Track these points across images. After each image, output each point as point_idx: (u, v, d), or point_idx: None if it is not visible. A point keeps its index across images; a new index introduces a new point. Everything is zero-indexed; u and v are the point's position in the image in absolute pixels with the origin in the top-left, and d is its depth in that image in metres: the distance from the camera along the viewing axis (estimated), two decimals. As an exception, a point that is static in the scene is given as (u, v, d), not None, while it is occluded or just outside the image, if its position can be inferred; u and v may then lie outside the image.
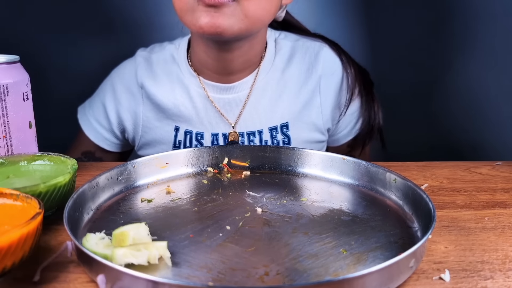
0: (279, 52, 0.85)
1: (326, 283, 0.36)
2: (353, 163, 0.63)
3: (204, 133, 0.83)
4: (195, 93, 0.83)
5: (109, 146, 0.90)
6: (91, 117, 0.89)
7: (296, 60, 0.85)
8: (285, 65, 0.84)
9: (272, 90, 0.83)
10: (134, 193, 0.59)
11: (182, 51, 0.85)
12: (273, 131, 0.83)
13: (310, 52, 0.85)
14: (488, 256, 0.47)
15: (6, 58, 0.59)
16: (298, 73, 0.84)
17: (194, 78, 0.83)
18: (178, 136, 0.84)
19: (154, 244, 0.43)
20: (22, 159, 0.57)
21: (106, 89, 0.88)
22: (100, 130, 0.88)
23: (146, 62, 0.86)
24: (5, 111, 0.58)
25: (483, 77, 1.24)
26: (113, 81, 0.88)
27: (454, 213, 0.57)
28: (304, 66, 0.84)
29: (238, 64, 0.80)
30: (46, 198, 0.49)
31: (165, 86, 0.84)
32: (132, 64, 0.87)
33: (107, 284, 0.38)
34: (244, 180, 0.64)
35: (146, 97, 0.84)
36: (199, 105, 0.83)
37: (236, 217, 0.52)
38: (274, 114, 0.83)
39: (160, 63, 0.85)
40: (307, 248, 0.46)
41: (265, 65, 0.83)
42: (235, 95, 0.82)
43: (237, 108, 0.83)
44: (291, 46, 0.86)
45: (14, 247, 0.38)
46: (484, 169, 0.73)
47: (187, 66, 0.84)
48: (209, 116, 0.83)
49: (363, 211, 0.55)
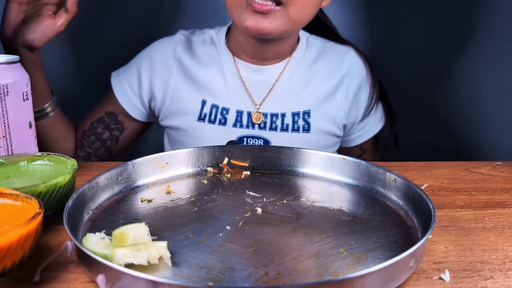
0: (309, 49, 0.91)
1: (326, 283, 0.36)
2: (353, 163, 0.63)
3: (230, 109, 0.88)
4: (228, 71, 0.88)
5: (134, 112, 0.92)
6: (124, 80, 0.91)
7: (324, 58, 0.91)
8: (313, 60, 0.91)
9: (299, 78, 0.89)
10: (134, 193, 0.59)
11: (221, 35, 0.91)
12: (295, 116, 0.88)
13: (338, 52, 0.93)
14: (488, 256, 0.47)
15: (6, 58, 0.59)
16: (325, 68, 0.90)
17: (229, 58, 0.89)
18: (204, 109, 0.88)
19: (154, 244, 0.43)
20: (22, 159, 0.57)
21: (143, 57, 0.92)
22: (130, 94, 0.91)
23: (187, 40, 0.92)
24: (5, 111, 0.58)
25: (483, 77, 1.24)
26: (151, 52, 0.92)
27: (454, 213, 0.57)
28: (331, 63, 0.91)
29: (271, 53, 0.87)
30: (46, 198, 0.49)
31: (201, 61, 0.89)
32: (172, 40, 0.93)
33: (107, 284, 0.38)
34: (244, 180, 0.64)
35: (181, 70, 0.89)
36: (229, 81, 0.88)
37: (236, 217, 0.52)
38: (299, 101, 0.88)
39: (199, 44, 0.92)
40: (307, 248, 0.46)
41: (296, 57, 0.90)
42: (265, 77, 0.88)
43: (264, 89, 0.88)
44: (320, 46, 0.93)
45: (14, 247, 0.38)
46: (484, 169, 0.73)
47: (225, 48, 0.90)
48: (237, 93, 0.88)
49: (363, 211, 0.55)
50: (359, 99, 0.92)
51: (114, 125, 0.93)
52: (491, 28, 1.21)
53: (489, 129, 1.28)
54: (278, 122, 0.87)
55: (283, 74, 0.88)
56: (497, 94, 1.25)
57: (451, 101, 1.27)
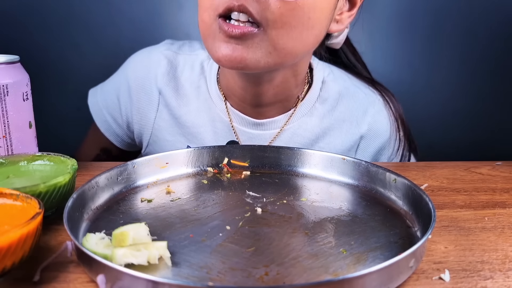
0: (323, 97, 0.74)
1: (326, 283, 0.36)
2: (353, 163, 0.63)
3: None
4: (218, 118, 0.74)
5: (119, 143, 0.83)
6: (105, 111, 0.81)
7: (340, 110, 0.75)
8: (326, 112, 0.74)
9: (304, 136, 0.74)
10: (134, 193, 0.59)
11: (214, 65, 0.75)
12: None
13: (359, 104, 0.75)
14: (488, 256, 0.47)
15: (6, 58, 0.59)
16: (338, 125, 0.75)
17: (220, 102, 0.74)
18: None
19: (154, 244, 0.43)
20: (22, 159, 0.57)
21: (121, 81, 0.79)
22: (113, 125, 0.81)
23: (170, 65, 0.76)
24: (5, 111, 0.58)
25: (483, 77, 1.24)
26: (128, 76, 0.78)
27: (454, 213, 0.57)
28: (347, 118, 0.75)
29: (268, 98, 0.70)
30: (46, 198, 0.49)
31: (188, 101, 0.75)
32: (153, 61, 0.77)
33: (107, 284, 0.38)
34: (244, 180, 0.64)
35: (163, 105, 0.76)
36: (220, 131, 0.75)
37: (236, 217, 0.52)
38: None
39: (186, 69, 0.76)
40: (307, 248, 0.46)
41: (304, 108, 0.73)
42: (262, 132, 0.74)
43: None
44: (339, 92, 0.75)
45: (14, 247, 0.38)
46: (484, 169, 0.73)
47: (216, 85, 0.74)
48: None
49: (363, 211, 0.55)
50: (380, 157, 0.78)
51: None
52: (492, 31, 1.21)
53: (489, 129, 1.28)
54: None
55: (285, 128, 0.73)
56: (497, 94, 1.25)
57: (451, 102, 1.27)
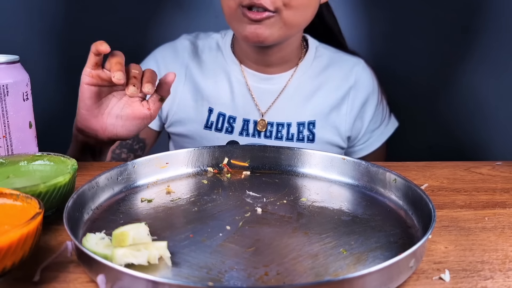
0: (318, 58, 0.92)
1: (326, 283, 0.36)
2: (353, 163, 0.63)
3: (237, 117, 0.88)
4: (235, 79, 0.89)
5: (152, 123, 0.91)
6: None
7: (333, 68, 0.91)
8: (321, 70, 0.91)
9: (306, 88, 0.89)
10: (134, 193, 0.59)
11: (227, 40, 0.92)
12: (300, 126, 0.88)
13: (347, 63, 0.92)
14: (488, 256, 0.47)
15: (6, 58, 0.59)
16: (332, 79, 0.90)
17: (236, 66, 0.90)
18: (211, 117, 0.88)
19: (154, 244, 0.43)
20: (22, 159, 0.57)
21: (149, 64, 0.91)
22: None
23: (193, 46, 0.92)
24: (5, 111, 0.58)
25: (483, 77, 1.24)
26: (157, 58, 0.91)
27: (454, 213, 0.57)
28: (339, 74, 0.91)
29: (275, 59, 0.87)
30: (46, 198, 0.49)
31: (208, 70, 0.90)
32: (178, 46, 0.92)
33: (107, 284, 0.38)
34: (244, 180, 0.64)
35: (189, 78, 0.90)
36: (236, 90, 0.89)
37: (236, 217, 0.52)
38: (304, 111, 0.89)
39: (205, 49, 0.91)
40: (307, 248, 0.46)
41: (304, 66, 0.90)
42: (272, 86, 0.89)
43: (270, 98, 0.89)
44: (330, 55, 0.93)
45: (14, 247, 0.38)
46: (484, 169, 0.73)
47: (231, 54, 0.90)
48: (244, 102, 0.88)
49: (363, 211, 0.55)
50: (365, 112, 0.92)
51: (137, 145, 0.92)
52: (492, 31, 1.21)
53: (489, 129, 1.28)
54: (283, 132, 0.88)
55: (290, 83, 0.89)
56: (497, 95, 1.25)
57: (451, 102, 1.27)
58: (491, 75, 1.24)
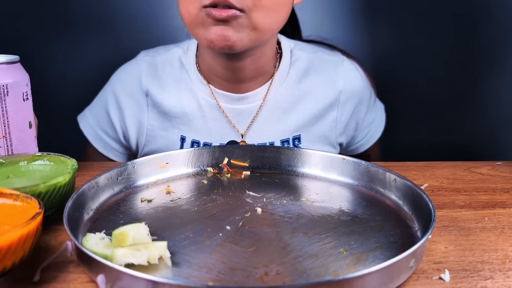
0: (294, 64, 0.82)
1: (326, 283, 0.36)
2: (353, 163, 0.63)
3: (212, 143, 0.81)
4: (204, 102, 0.80)
5: (120, 158, 0.87)
6: (97, 128, 0.85)
7: (314, 73, 0.82)
8: (300, 77, 0.82)
9: (286, 101, 0.81)
10: (134, 193, 0.59)
11: (191, 55, 0.82)
12: (284, 143, 0.81)
13: (329, 65, 0.83)
14: (488, 256, 0.47)
15: (6, 58, 0.59)
16: (315, 86, 0.82)
17: (204, 86, 0.80)
18: (184, 146, 0.81)
19: (154, 244, 0.43)
20: (22, 159, 0.57)
21: (108, 96, 0.84)
22: (109, 141, 0.85)
23: (150, 67, 0.83)
24: (5, 111, 0.58)
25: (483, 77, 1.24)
26: (114, 88, 0.84)
27: (454, 213, 0.57)
28: (322, 79, 0.82)
29: (249, 72, 0.78)
30: (46, 198, 0.49)
31: (173, 93, 0.81)
32: (134, 68, 0.83)
33: (107, 284, 0.38)
34: (244, 180, 0.64)
35: (152, 105, 0.81)
36: (208, 114, 0.80)
37: (236, 217, 0.52)
38: (287, 127, 0.81)
39: (166, 67, 0.82)
40: (307, 248, 0.46)
41: (279, 76, 0.81)
42: (247, 105, 0.80)
43: (248, 118, 0.81)
44: (307, 58, 0.83)
45: (14, 247, 0.38)
46: (484, 169, 0.73)
47: (197, 73, 0.81)
48: (219, 126, 0.81)
49: (363, 211, 0.55)
50: (358, 112, 0.85)
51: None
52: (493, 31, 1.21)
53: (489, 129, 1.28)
54: None
55: (267, 98, 0.80)
56: (497, 94, 1.25)
57: (451, 101, 1.27)
58: (491, 74, 1.24)
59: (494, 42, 1.22)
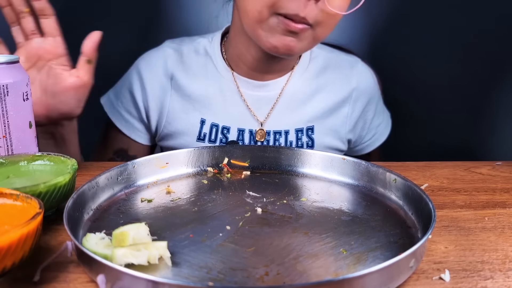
0: (313, 60, 0.88)
1: (326, 283, 0.36)
2: (353, 163, 0.63)
3: (231, 127, 0.84)
4: (226, 87, 0.84)
5: (142, 139, 0.88)
6: (121, 108, 0.87)
7: (331, 70, 0.88)
8: (318, 72, 0.87)
9: (303, 93, 0.86)
10: (134, 193, 0.59)
11: (216, 44, 0.86)
12: (299, 133, 0.85)
13: (345, 64, 0.89)
14: (488, 256, 0.47)
15: (6, 58, 0.59)
16: (332, 81, 0.87)
17: (227, 73, 0.84)
18: (204, 128, 0.84)
19: (154, 244, 0.43)
20: (22, 159, 0.57)
21: (133, 77, 0.86)
22: (132, 121, 0.87)
23: (177, 53, 0.86)
24: (5, 111, 0.58)
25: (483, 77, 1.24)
26: (139, 70, 0.86)
27: (454, 213, 0.57)
28: (338, 76, 0.88)
29: (277, 66, 0.83)
30: (46, 198, 0.49)
31: (197, 78, 0.85)
32: (160, 54, 0.87)
33: (107, 284, 0.38)
34: (244, 180, 0.64)
35: (175, 89, 0.85)
36: (229, 99, 0.84)
37: (236, 217, 0.52)
38: (302, 117, 0.85)
39: (191, 54, 0.86)
40: (307, 248, 0.46)
41: (299, 70, 0.86)
42: (267, 93, 0.84)
43: (267, 106, 0.85)
44: (325, 56, 0.89)
45: (14, 247, 0.38)
46: (484, 169, 0.73)
47: (222, 60, 0.85)
48: (238, 111, 0.84)
49: (363, 211, 0.55)
50: (367, 112, 0.90)
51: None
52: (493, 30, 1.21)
53: (489, 129, 1.28)
54: (281, 140, 0.84)
55: (286, 88, 0.85)
56: (498, 94, 1.25)
57: (451, 101, 1.27)
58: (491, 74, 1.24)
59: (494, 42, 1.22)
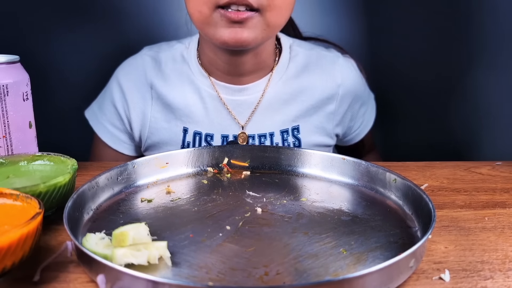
0: (293, 59, 0.85)
1: (326, 283, 0.36)
2: (353, 163, 0.63)
3: (214, 134, 0.82)
4: (206, 93, 0.82)
5: (128, 150, 0.88)
6: (105, 121, 0.86)
7: (312, 68, 0.86)
8: (299, 71, 0.85)
9: (285, 93, 0.84)
10: (134, 193, 0.59)
11: (192, 50, 0.84)
12: (284, 134, 0.83)
13: (326, 60, 0.87)
14: (488, 256, 0.47)
15: (6, 58, 0.59)
16: (314, 79, 0.85)
17: (205, 79, 0.82)
18: (187, 137, 0.83)
19: (154, 244, 0.43)
20: (22, 159, 0.57)
21: (113, 88, 0.85)
22: (117, 133, 0.86)
23: (154, 61, 0.85)
24: (5, 111, 0.59)
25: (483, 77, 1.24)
26: (119, 81, 0.85)
27: (454, 213, 0.57)
28: (321, 73, 0.85)
29: (249, 66, 0.80)
30: (46, 198, 0.49)
31: (176, 86, 0.83)
32: (139, 62, 0.86)
33: (107, 284, 0.38)
34: (244, 180, 0.64)
35: (156, 98, 0.83)
36: (210, 106, 0.82)
37: (236, 217, 0.52)
38: (287, 117, 0.83)
39: (169, 62, 0.85)
40: (307, 248, 0.46)
41: (279, 70, 0.84)
42: (248, 97, 0.82)
43: (248, 110, 0.82)
44: (306, 54, 0.86)
45: (14, 247, 0.38)
46: (484, 169, 0.73)
47: (198, 66, 0.83)
48: (220, 117, 0.82)
49: (363, 211, 0.55)
50: (354, 104, 0.88)
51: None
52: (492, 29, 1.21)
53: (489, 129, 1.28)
54: (267, 142, 0.83)
55: (267, 91, 0.82)
56: (498, 94, 1.25)
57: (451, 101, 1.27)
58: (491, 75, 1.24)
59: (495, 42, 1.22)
